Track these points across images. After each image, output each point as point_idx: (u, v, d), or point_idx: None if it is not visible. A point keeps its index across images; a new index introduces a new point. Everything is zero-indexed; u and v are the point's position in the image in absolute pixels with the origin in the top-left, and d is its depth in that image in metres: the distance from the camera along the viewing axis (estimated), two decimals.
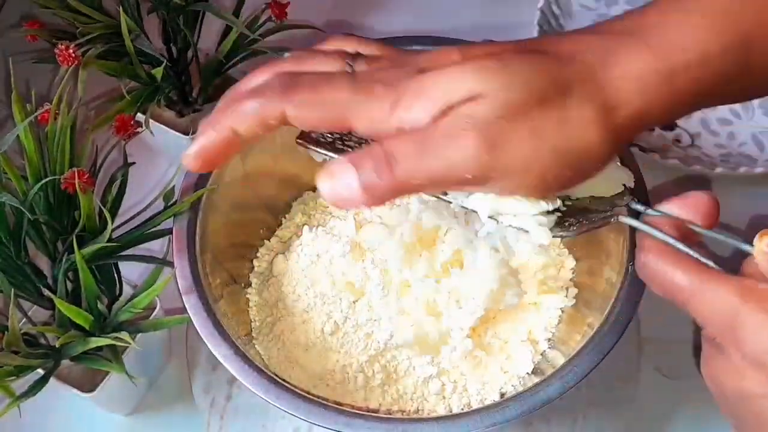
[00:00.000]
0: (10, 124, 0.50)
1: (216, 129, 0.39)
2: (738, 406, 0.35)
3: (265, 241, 0.60)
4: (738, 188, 0.69)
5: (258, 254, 0.60)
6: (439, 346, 0.53)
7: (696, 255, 0.36)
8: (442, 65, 0.37)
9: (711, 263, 0.36)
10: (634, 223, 0.39)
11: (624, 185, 0.43)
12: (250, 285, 0.58)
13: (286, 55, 0.43)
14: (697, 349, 0.37)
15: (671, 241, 0.37)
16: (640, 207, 0.40)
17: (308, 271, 0.55)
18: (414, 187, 0.36)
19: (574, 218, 0.41)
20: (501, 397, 0.52)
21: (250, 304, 0.57)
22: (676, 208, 0.38)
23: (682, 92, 0.38)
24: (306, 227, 0.58)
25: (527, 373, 0.53)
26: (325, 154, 0.41)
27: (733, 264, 0.37)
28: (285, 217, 0.61)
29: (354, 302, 0.53)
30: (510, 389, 0.53)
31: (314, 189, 0.62)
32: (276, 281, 0.56)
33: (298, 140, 0.42)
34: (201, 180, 0.53)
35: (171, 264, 0.50)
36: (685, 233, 0.38)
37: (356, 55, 0.41)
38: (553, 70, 0.36)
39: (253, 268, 0.59)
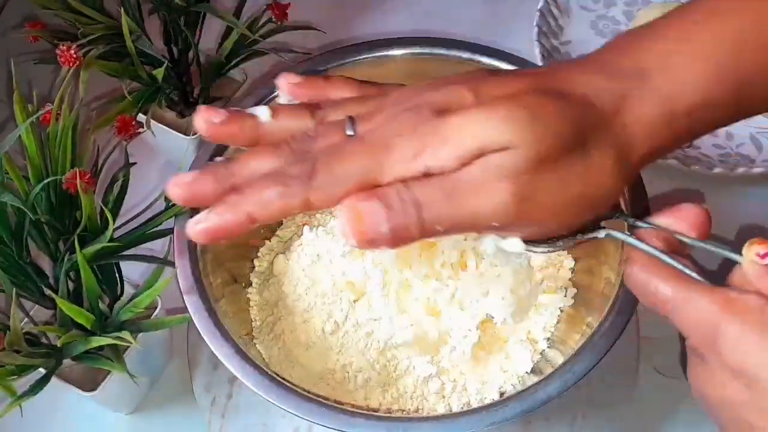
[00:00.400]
0: (12, 124, 0.50)
1: (233, 212, 0.37)
2: (721, 413, 0.36)
3: (265, 240, 0.60)
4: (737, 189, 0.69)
5: (259, 254, 0.60)
6: (439, 346, 0.53)
7: (680, 266, 0.37)
8: (461, 108, 0.36)
9: (695, 275, 0.37)
10: (621, 236, 0.39)
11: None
12: (250, 285, 0.58)
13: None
14: (683, 356, 0.38)
15: (656, 252, 0.37)
16: (629, 219, 0.40)
17: (309, 271, 0.55)
18: (439, 232, 0.36)
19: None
20: (500, 396, 0.52)
21: (251, 303, 0.57)
22: (667, 219, 0.39)
23: (682, 131, 0.39)
24: (306, 227, 0.58)
25: (526, 373, 0.53)
26: None
27: (723, 275, 0.37)
28: (285, 217, 0.62)
29: (354, 302, 0.53)
30: (509, 388, 0.53)
31: None
32: (277, 281, 0.57)
33: None
34: None
35: (172, 264, 0.50)
36: (675, 246, 0.38)
37: (350, 118, 0.38)
38: (576, 117, 0.36)
39: (253, 267, 0.59)
